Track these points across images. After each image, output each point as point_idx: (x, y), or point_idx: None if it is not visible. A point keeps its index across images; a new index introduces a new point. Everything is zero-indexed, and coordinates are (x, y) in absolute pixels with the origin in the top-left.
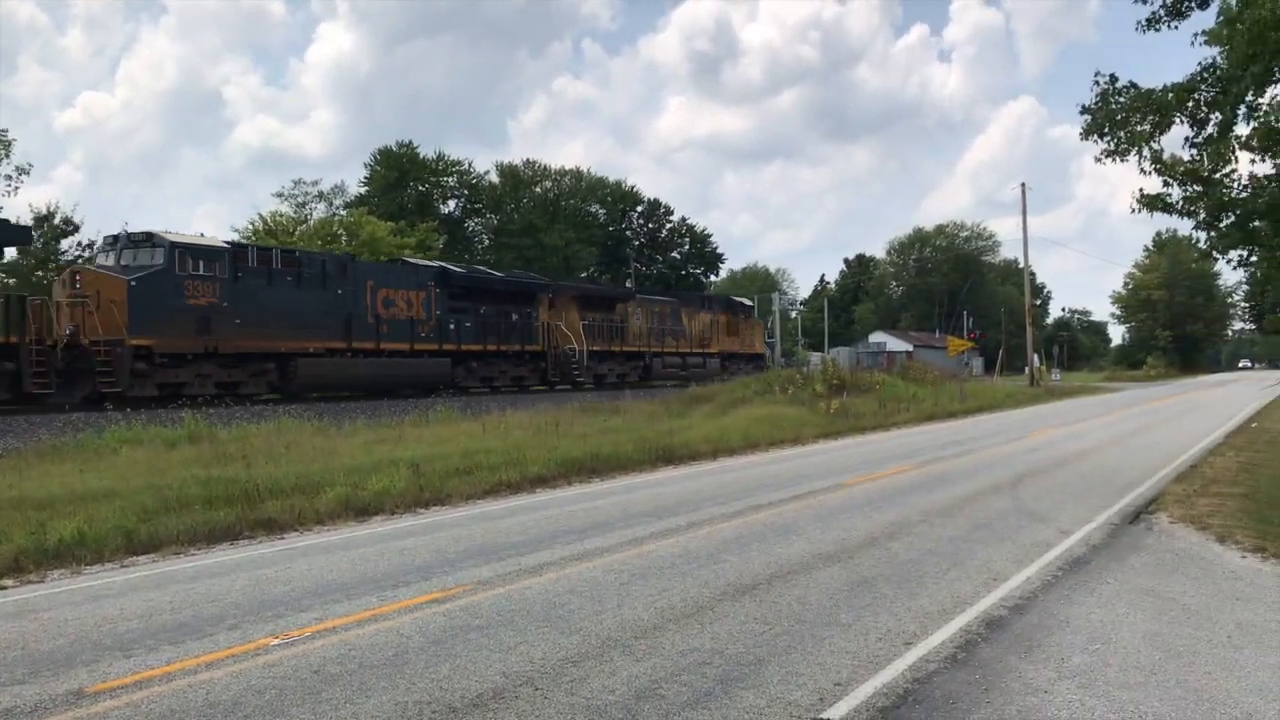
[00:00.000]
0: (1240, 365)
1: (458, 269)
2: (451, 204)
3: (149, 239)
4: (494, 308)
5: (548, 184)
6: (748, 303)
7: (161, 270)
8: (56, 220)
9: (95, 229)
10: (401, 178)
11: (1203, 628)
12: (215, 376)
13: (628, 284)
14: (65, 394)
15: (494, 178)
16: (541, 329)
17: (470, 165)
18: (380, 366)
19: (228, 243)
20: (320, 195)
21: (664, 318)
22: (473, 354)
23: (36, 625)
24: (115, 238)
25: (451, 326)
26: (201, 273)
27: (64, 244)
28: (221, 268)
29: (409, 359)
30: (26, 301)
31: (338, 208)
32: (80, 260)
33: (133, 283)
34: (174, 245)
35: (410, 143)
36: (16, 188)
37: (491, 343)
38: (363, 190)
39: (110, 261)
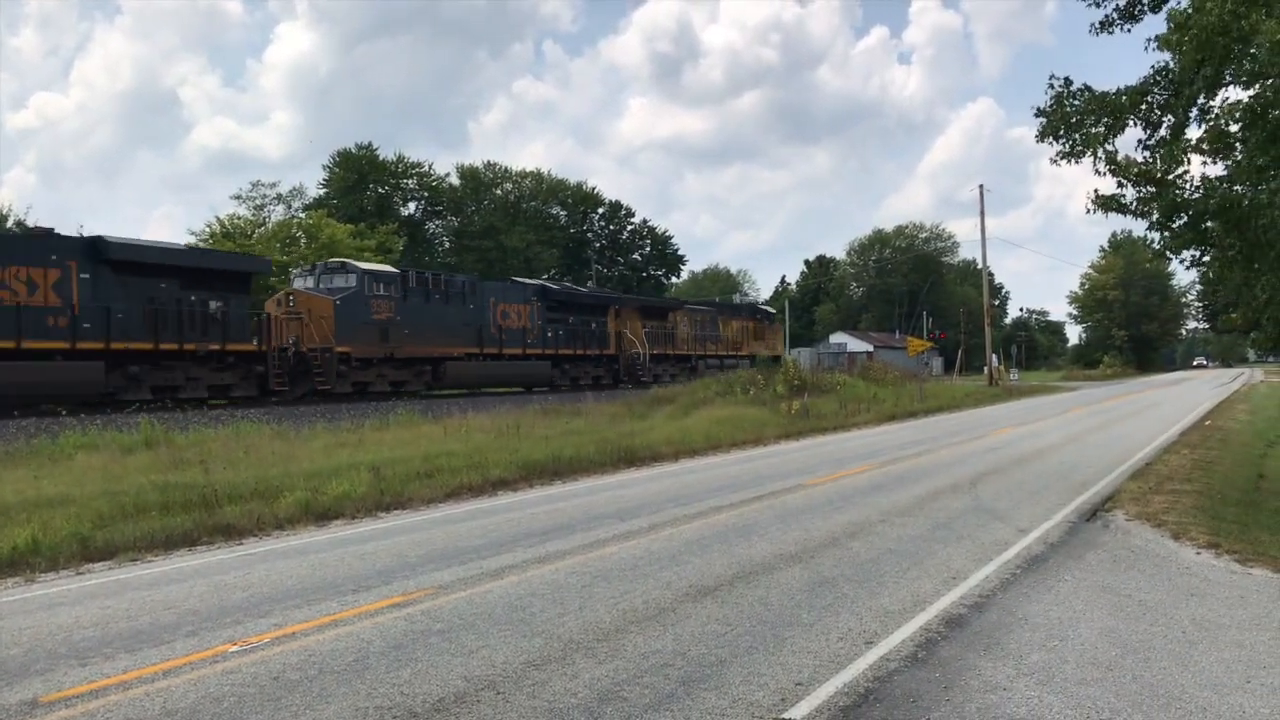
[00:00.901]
0: (1195, 364)
1: (554, 286)
2: (412, 206)
3: (343, 266)
4: (579, 318)
5: (508, 186)
6: (771, 310)
7: (355, 292)
8: (10, 223)
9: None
10: (361, 180)
11: (1158, 624)
12: (390, 376)
13: (589, 284)
14: (292, 391)
15: (454, 180)
16: (613, 336)
17: (430, 167)
18: (502, 368)
19: (400, 268)
20: (279, 197)
21: (704, 325)
22: (566, 357)
23: None
24: (313, 265)
25: (549, 335)
26: (382, 293)
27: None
28: (395, 288)
29: (521, 361)
30: (269, 319)
31: (296, 210)
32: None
33: (337, 302)
34: (364, 271)
35: (369, 144)
36: None
37: (579, 348)
38: (322, 192)
39: (310, 284)
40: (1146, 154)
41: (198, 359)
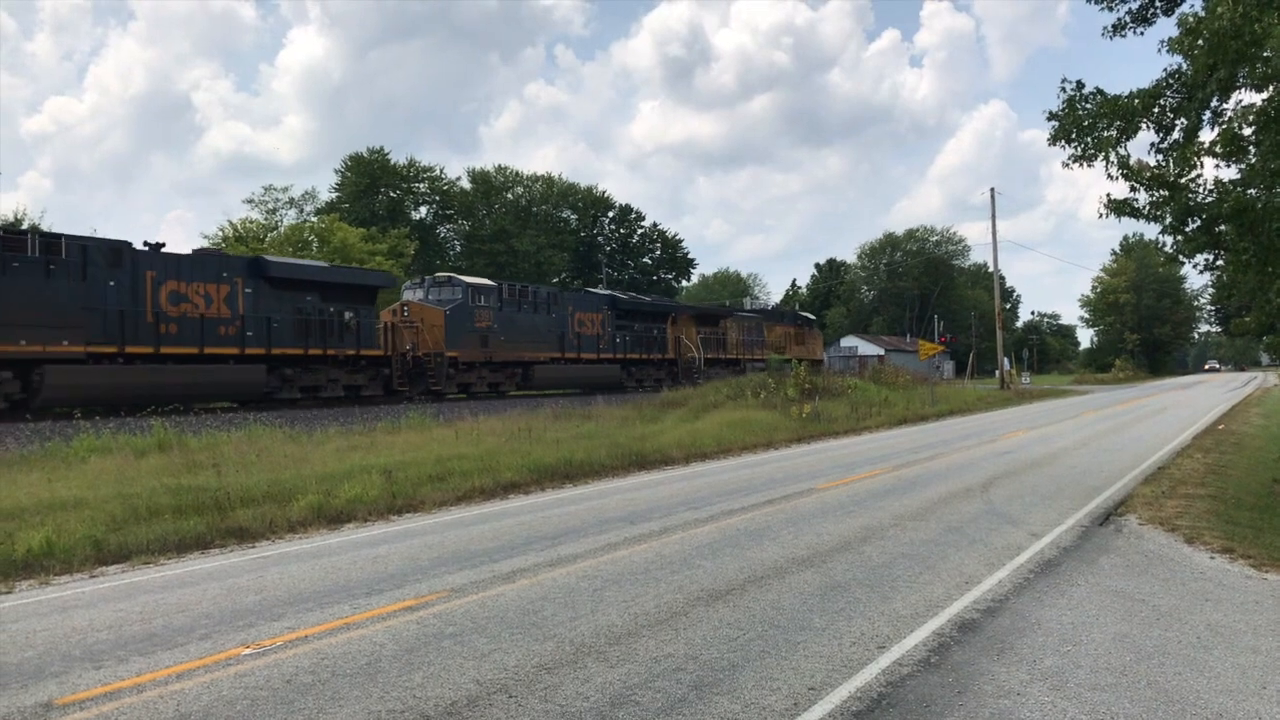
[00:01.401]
0: (1207, 367)
1: (622, 296)
2: (423, 210)
3: (450, 280)
4: (643, 325)
5: (519, 190)
6: (811, 317)
7: (461, 303)
8: (24, 227)
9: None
10: (373, 184)
11: (1172, 629)
12: (488, 379)
13: (599, 288)
14: (411, 390)
15: (465, 183)
16: (672, 341)
17: (442, 171)
18: (579, 370)
19: (495, 281)
20: (291, 201)
21: (751, 330)
22: (632, 361)
23: (4, 637)
24: (423, 279)
25: (618, 340)
26: (482, 304)
27: None
28: (494, 299)
29: (595, 365)
30: (390, 327)
31: (309, 214)
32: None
33: (447, 312)
34: (468, 285)
35: (381, 149)
36: None
37: (643, 352)
38: (334, 196)
39: (421, 296)
40: (1159, 157)
41: (337, 362)
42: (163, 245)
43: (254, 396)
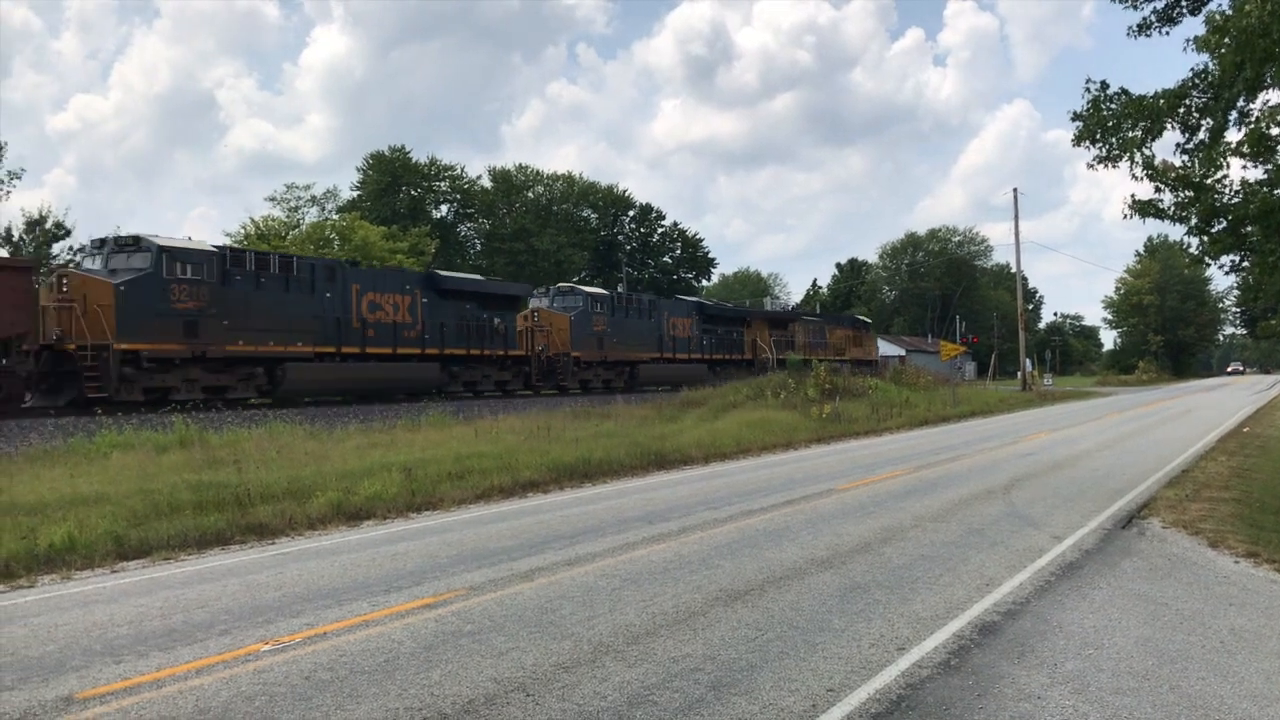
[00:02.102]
0: (1230, 370)
1: (708, 303)
2: (444, 208)
3: (572, 290)
4: (725, 329)
5: (540, 189)
6: (867, 320)
7: (583, 310)
8: (48, 224)
9: (87, 233)
10: (394, 182)
11: (1196, 633)
12: (602, 376)
13: (619, 289)
14: (546, 385)
15: (486, 182)
16: (749, 343)
17: (463, 170)
18: (675, 369)
19: (606, 290)
20: (313, 199)
21: (815, 333)
22: (717, 361)
23: (26, 631)
24: (548, 289)
25: (704, 342)
26: (599, 310)
27: (55, 248)
28: (607, 306)
29: (686, 364)
30: (527, 331)
31: (330, 212)
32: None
33: (572, 317)
34: (588, 294)
35: (402, 147)
36: (9, 192)
37: (725, 353)
38: (355, 194)
39: (547, 304)
40: (1185, 158)
41: (490, 361)
42: (357, 263)
43: (431, 390)
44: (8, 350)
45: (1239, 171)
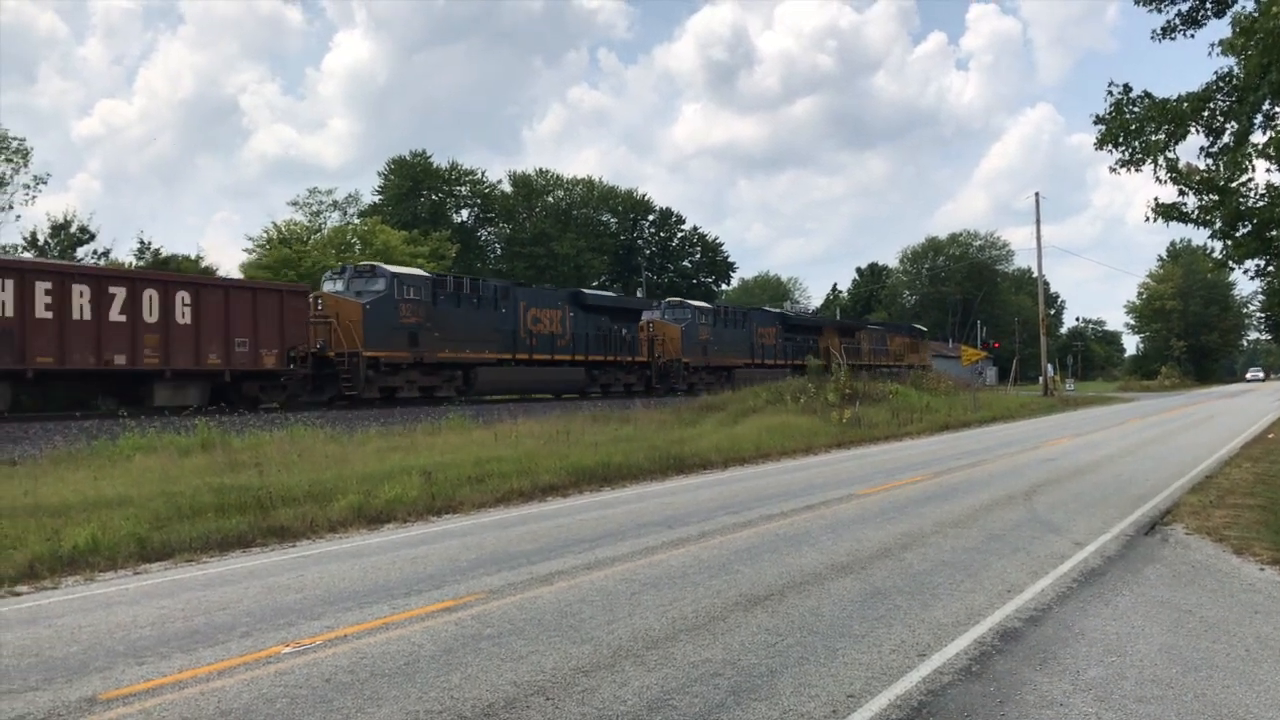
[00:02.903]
0: (1249, 376)
1: (790, 314)
2: (464, 213)
3: (681, 304)
4: (804, 337)
5: (560, 193)
6: (923, 329)
7: (691, 321)
8: (73, 229)
9: (111, 237)
10: (415, 187)
11: (1221, 641)
12: (706, 380)
13: (638, 294)
14: (663, 387)
15: (506, 187)
16: (823, 350)
17: (483, 174)
18: (763, 373)
19: (709, 304)
20: (334, 204)
21: (877, 340)
22: (796, 366)
23: (50, 632)
24: (658, 302)
25: (786, 349)
26: (704, 321)
27: (79, 252)
28: (709, 318)
29: (772, 369)
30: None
31: (351, 216)
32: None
33: (682, 328)
34: (695, 308)
35: (424, 152)
36: (34, 196)
37: (803, 359)
38: (376, 199)
39: (659, 315)
40: (1209, 161)
41: (621, 366)
42: (526, 284)
43: (578, 390)
44: (293, 358)
45: (1264, 175)
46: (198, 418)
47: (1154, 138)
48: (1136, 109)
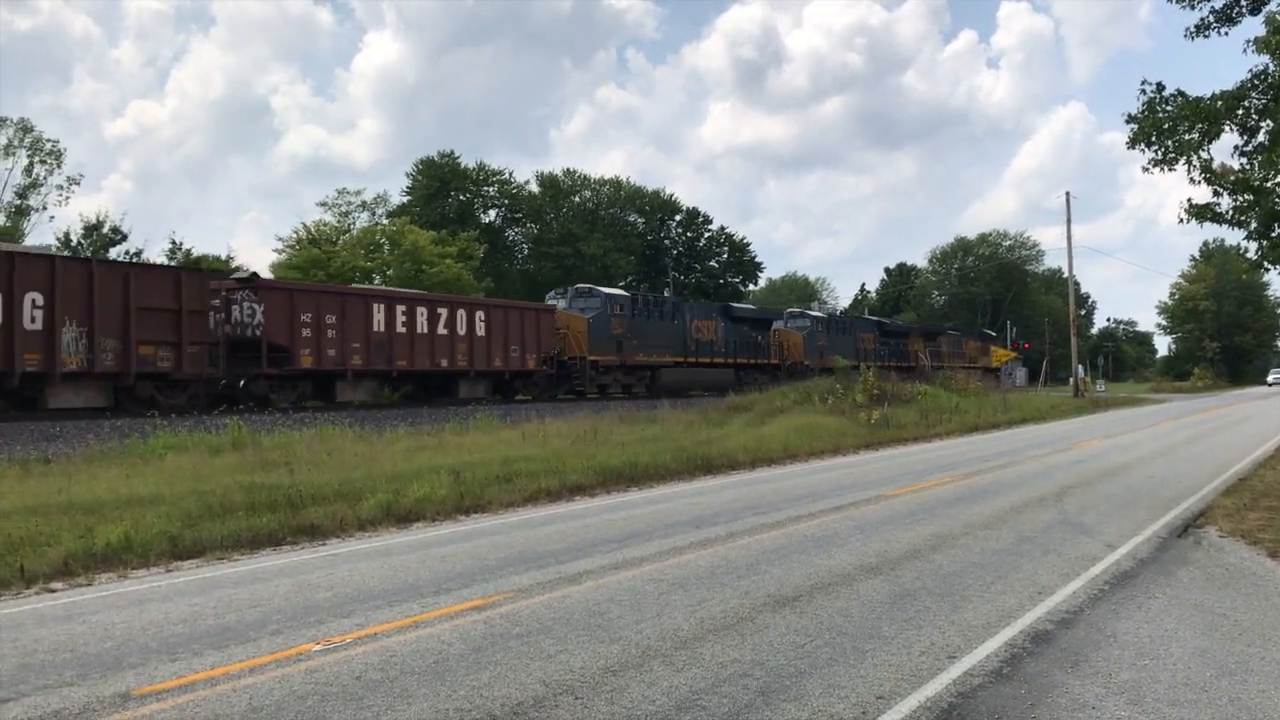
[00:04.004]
0: (1271, 380)
1: (886, 321)
2: (492, 213)
3: (802, 314)
4: (896, 341)
5: (587, 193)
6: (992, 333)
7: (810, 330)
8: (105, 229)
9: (143, 238)
10: (443, 187)
11: (1255, 645)
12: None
13: (665, 293)
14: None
15: (534, 187)
16: (912, 353)
17: (511, 175)
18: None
19: (823, 314)
20: (363, 205)
21: (954, 344)
22: (890, 368)
23: (85, 628)
24: (781, 312)
25: (883, 352)
26: (820, 330)
27: (112, 252)
28: (824, 326)
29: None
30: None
31: (380, 217)
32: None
33: (804, 335)
34: (813, 316)
35: (451, 153)
36: (68, 197)
37: (897, 362)
38: (405, 200)
39: (783, 325)
40: (1243, 161)
41: (758, 367)
42: (691, 299)
43: (727, 388)
44: (546, 360)
45: None
46: (229, 417)
47: (1187, 137)
48: (1169, 108)
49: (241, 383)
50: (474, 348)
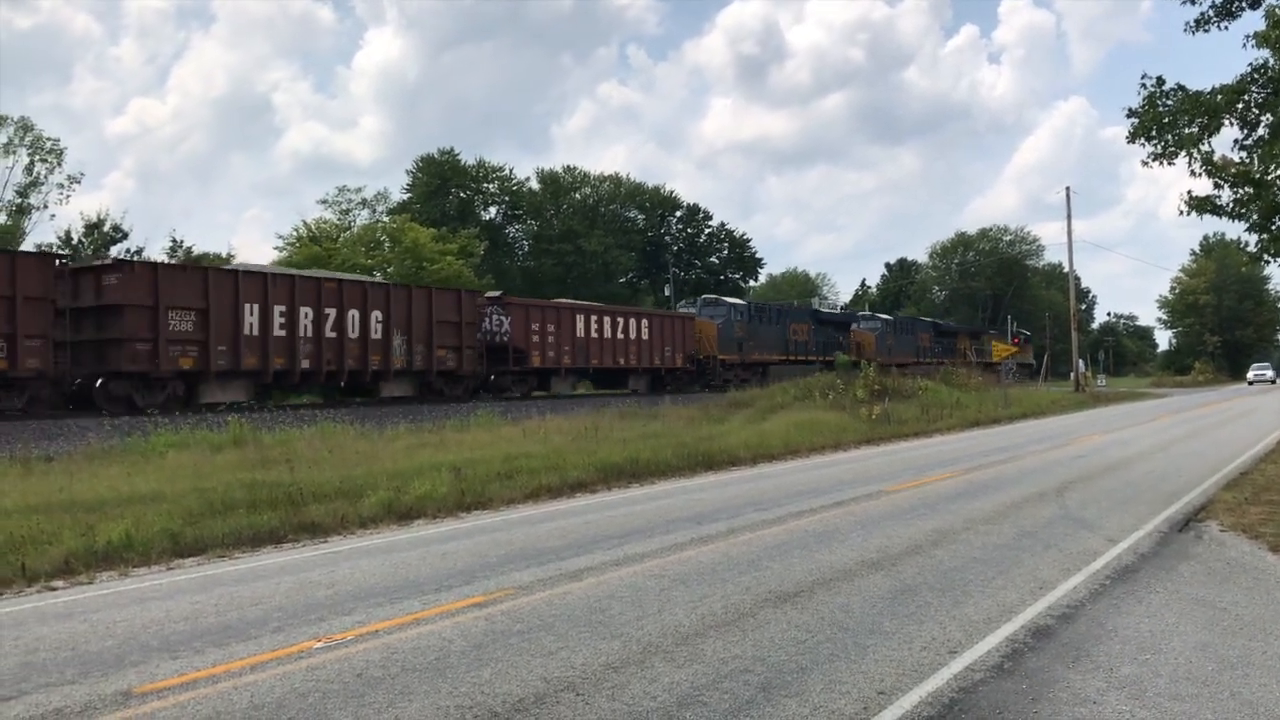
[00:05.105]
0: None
1: (940, 322)
2: (492, 210)
3: (873, 316)
4: (948, 340)
5: (587, 190)
6: (1028, 333)
7: (882, 332)
8: (106, 228)
9: (144, 236)
10: (443, 185)
11: (1257, 639)
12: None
13: (666, 291)
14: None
15: (534, 184)
16: (960, 351)
17: (511, 172)
18: (928, 368)
19: (891, 316)
20: (364, 202)
21: (995, 342)
22: (942, 363)
23: (86, 626)
24: (854, 313)
25: (937, 350)
26: (891, 331)
27: (113, 251)
28: (893, 328)
29: (929, 365)
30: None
31: (380, 214)
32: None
33: (875, 335)
34: (884, 319)
35: (452, 150)
36: (69, 196)
37: (948, 359)
38: (405, 197)
39: (859, 326)
40: (1244, 154)
41: (832, 365)
42: (794, 305)
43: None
44: (689, 360)
45: None
46: (231, 415)
47: (1187, 130)
48: (1170, 102)
49: (492, 377)
50: (640, 350)
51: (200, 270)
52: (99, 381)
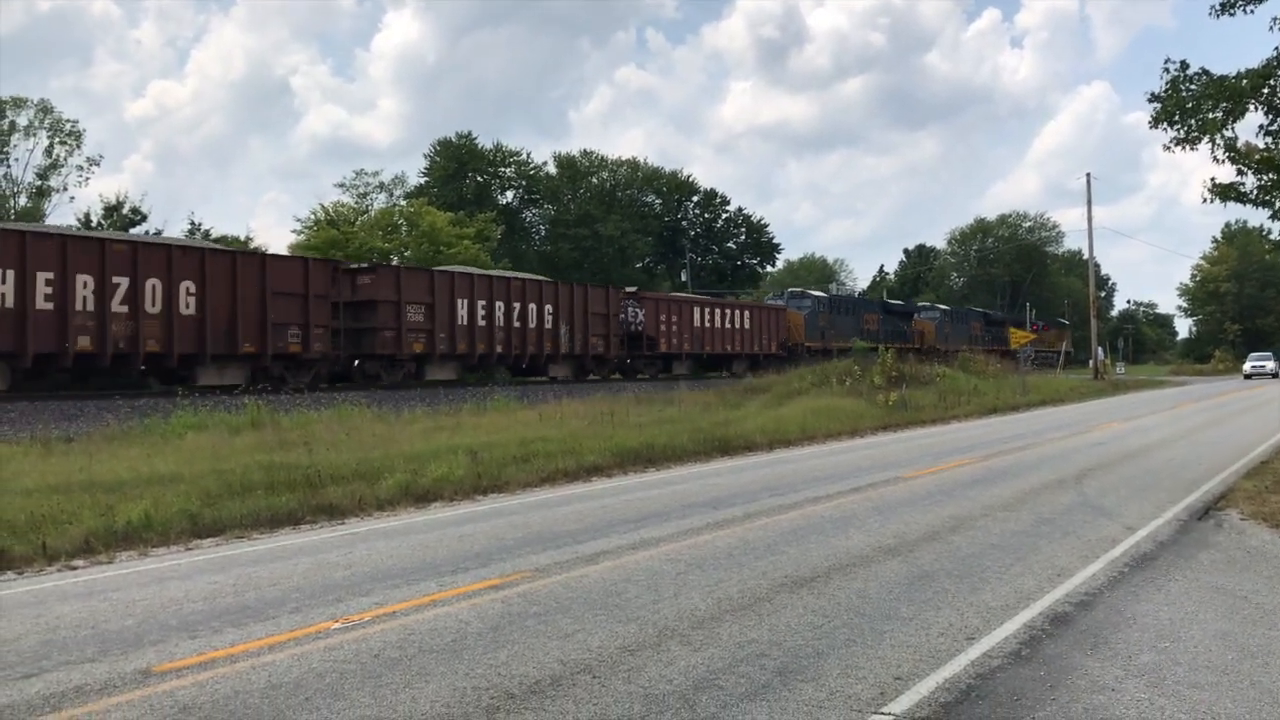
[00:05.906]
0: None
1: (990, 312)
2: (509, 194)
3: (933, 307)
4: (997, 329)
5: (604, 174)
6: (1065, 321)
7: (940, 320)
8: (125, 210)
9: (162, 218)
10: (460, 168)
11: (1278, 628)
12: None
13: (682, 276)
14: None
15: (552, 168)
16: (1005, 338)
17: (529, 156)
18: (983, 356)
19: (948, 306)
20: (381, 186)
21: (1050, 330)
22: (999, 351)
23: (106, 605)
24: (918, 305)
25: (986, 337)
26: (948, 320)
27: (131, 233)
28: (967, 319)
29: (983, 353)
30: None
31: (398, 198)
32: None
33: (934, 324)
34: (943, 310)
35: (469, 134)
36: (88, 178)
37: (998, 346)
38: (422, 181)
39: (921, 316)
40: (1269, 140)
41: (905, 351)
42: (866, 297)
43: None
44: (781, 347)
45: None
46: (246, 397)
47: (1211, 115)
48: (1193, 86)
49: (629, 360)
50: (742, 338)
51: (427, 271)
52: (355, 362)
